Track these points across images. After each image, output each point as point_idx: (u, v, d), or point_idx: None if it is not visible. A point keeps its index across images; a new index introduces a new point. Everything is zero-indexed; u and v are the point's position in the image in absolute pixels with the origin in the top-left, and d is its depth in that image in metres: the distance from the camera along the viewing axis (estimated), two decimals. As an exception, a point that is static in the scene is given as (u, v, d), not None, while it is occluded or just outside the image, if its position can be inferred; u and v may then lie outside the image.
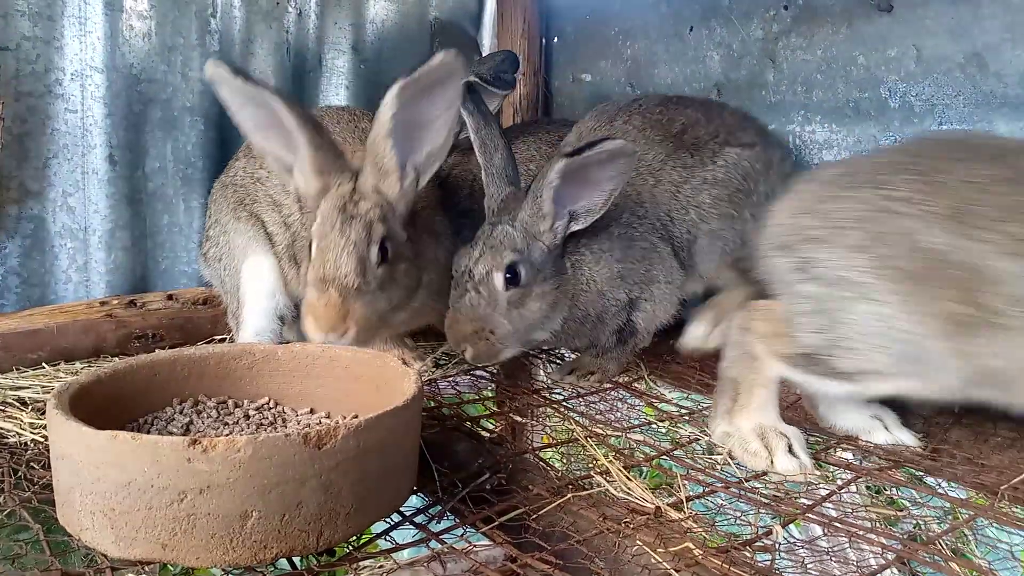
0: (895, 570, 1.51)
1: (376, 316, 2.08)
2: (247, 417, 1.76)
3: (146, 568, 1.34)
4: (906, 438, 2.03)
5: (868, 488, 1.98)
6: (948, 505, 1.76)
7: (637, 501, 1.70)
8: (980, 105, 2.39)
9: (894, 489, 1.92)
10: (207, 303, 2.96)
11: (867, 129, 2.69)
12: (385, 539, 1.54)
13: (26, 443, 1.90)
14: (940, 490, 1.81)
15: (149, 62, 3.03)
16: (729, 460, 1.93)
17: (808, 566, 1.52)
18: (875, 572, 1.46)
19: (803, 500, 1.75)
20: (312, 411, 1.82)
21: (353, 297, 2.02)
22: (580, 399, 2.42)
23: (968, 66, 2.42)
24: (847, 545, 1.58)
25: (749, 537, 1.56)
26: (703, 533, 1.56)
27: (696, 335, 2.64)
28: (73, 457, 1.32)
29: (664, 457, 1.98)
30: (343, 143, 2.33)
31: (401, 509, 1.58)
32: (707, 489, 1.78)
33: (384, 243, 2.07)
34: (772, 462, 1.86)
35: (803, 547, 1.58)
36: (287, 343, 1.97)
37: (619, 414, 2.36)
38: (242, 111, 2.09)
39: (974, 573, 1.46)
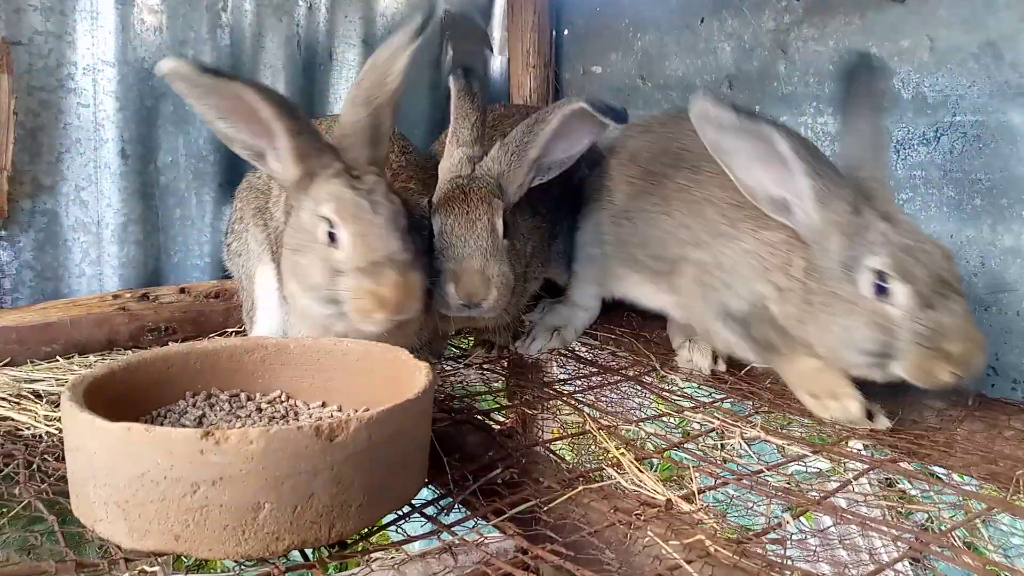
0: (907, 562, 1.51)
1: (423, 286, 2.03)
2: (259, 410, 1.77)
3: (159, 559, 1.35)
4: None
5: (879, 480, 1.98)
6: (961, 498, 1.75)
7: (648, 493, 1.70)
8: (994, 95, 2.37)
9: (906, 481, 1.92)
10: (219, 296, 2.98)
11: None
12: (396, 531, 1.55)
13: (40, 435, 1.91)
14: (952, 482, 1.80)
15: (160, 56, 3.03)
16: (739, 452, 1.93)
17: (819, 557, 1.52)
18: (888, 564, 1.45)
19: (814, 492, 1.75)
20: (324, 404, 1.83)
21: (412, 270, 1.96)
22: (590, 391, 2.42)
23: (982, 56, 2.39)
24: (858, 535, 1.58)
25: (760, 529, 1.56)
26: (714, 525, 1.56)
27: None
28: (87, 449, 1.33)
29: (675, 449, 1.98)
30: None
31: (412, 501, 1.58)
32: (718, 481, 1.77)
33: (409, 212, 2.07)
34: None
35: (814, 537, 1.58)
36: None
37: (631, 403, 2.36)
38: (203, 101, 1.96)
39: (989, 567, 1.46)
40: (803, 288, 2.06)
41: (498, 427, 2.13)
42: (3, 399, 2.11)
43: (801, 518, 1.64)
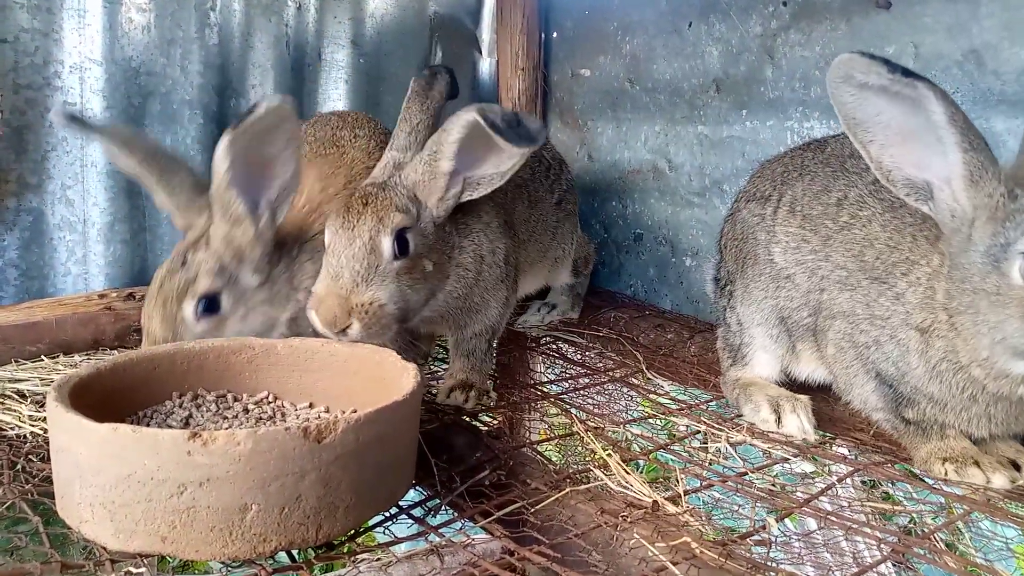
0: (890, 564, 1.52)
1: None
2: (246, 411, 1.76)
3: (145, 560, 1.35)
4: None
5: (863, 483, 2.00)
6: (943, 500, 1.77)
7: (635, 495, 1.71)
8: (977, 102, 2.40)
9: (889, 484, 1.93)
10: (206, 297, 2.96)
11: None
12: (383, 532, 1.55)
13: (25, 436, 1.90)
14: (935, 485, 1.82)
15: (148, 55, 3.03)
16: (725, 454, 1.94)
17: (804, 559, 1.53)
18: (871, 566, 1.47)
19: (799, 494, 1.76)
20: (311, 405, 1.82)
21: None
22: (577, 392, 2.43)
23: (966, 63, 2.42)
24: (842, 538, 1.59)
25: (746, 531, 1.57)
26: (700, 527, 1.57)
27: None
28: (73, 450, 1.33)
29: (661, 451, 1.99)
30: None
31: (399, 503, 1.58)
32: (704, 483, 1.79)
33: (215, 297, 1.99)
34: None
35: (799, 540, 1.59)
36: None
37: (618, 405, 2.37)
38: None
39: (970, 568, 1.48)
40: (946, 310, 1.77)
41: (485, 428, 2.14)
42: (-13, 399, 2.10)
43: (786, 520, 1.65)
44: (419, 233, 2.01)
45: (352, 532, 1.49)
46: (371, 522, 1.54)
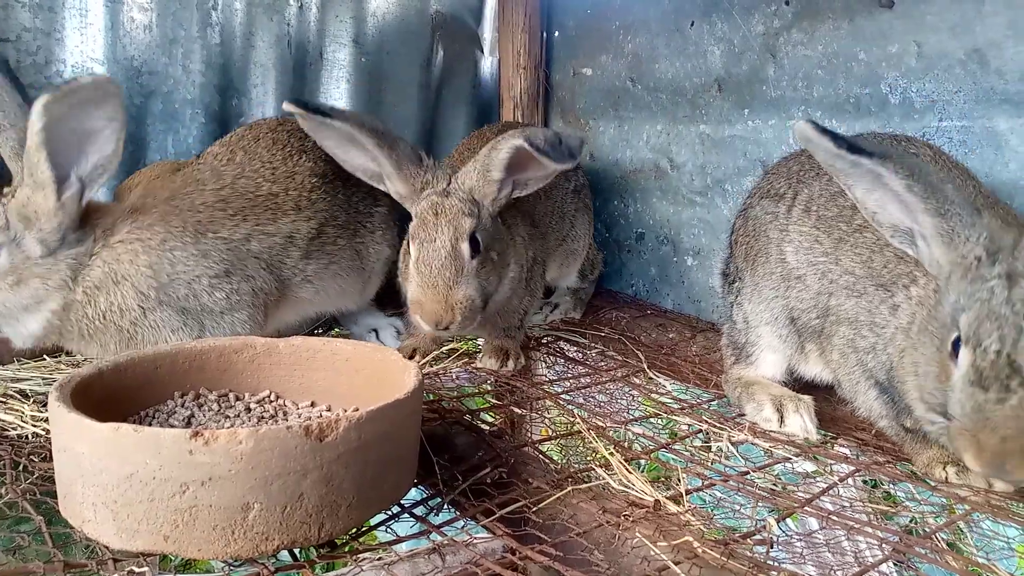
0: (892, 563, 1.52)
1: None
2: (248, 410, 1.76)
3: (147, 559, 1.35)
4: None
5: (865, 482, 1.99)
6: (944, 500, 1.77)
7: (636, 494, 1.71)
8: (980, 101, 2.39)
9: (891, 483, 1.93)
10: (208, 296, 2.96)
11: (867, 125, 2.69)
12: (386, 531, 1.55)
13: (27, 435, 1.90)
14: (937, 485, 1.82)
15: (150, 54, 3.03)
16: (727, 454, 1.94)
17: (805, 558, 1.53)
18: (872, 566, 1.47)
19: (800, 494, 1.76)
20: (313, 404, 1.83)
21: None
22: (579, 391, 2.43)
23: (969, 62, 2.41)
24: (843, 537, 1.59)
25: (747, 530, 1.57)
26: (702, 526, 1.57)
27: None
28: (75, 450, 1.33)
29: (663, 450, 1.99)
30: None
31: (401, 501, 1.58)
32: (706, 483, 1.78)
33: None
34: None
35: (800, 539, 1.59)
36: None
37: (619, 405, 2.37)
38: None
39: (972, 568, 1.47)
40: (908, 338, 1.80)
41: (487, 428, 2.14)
42: (-11, 398, 2.10)
43: (788, 520, 1.65)
44: (483, 229, 2.29)
45: (354, 531, 1.49)
46: (373, 521, 1.54)
